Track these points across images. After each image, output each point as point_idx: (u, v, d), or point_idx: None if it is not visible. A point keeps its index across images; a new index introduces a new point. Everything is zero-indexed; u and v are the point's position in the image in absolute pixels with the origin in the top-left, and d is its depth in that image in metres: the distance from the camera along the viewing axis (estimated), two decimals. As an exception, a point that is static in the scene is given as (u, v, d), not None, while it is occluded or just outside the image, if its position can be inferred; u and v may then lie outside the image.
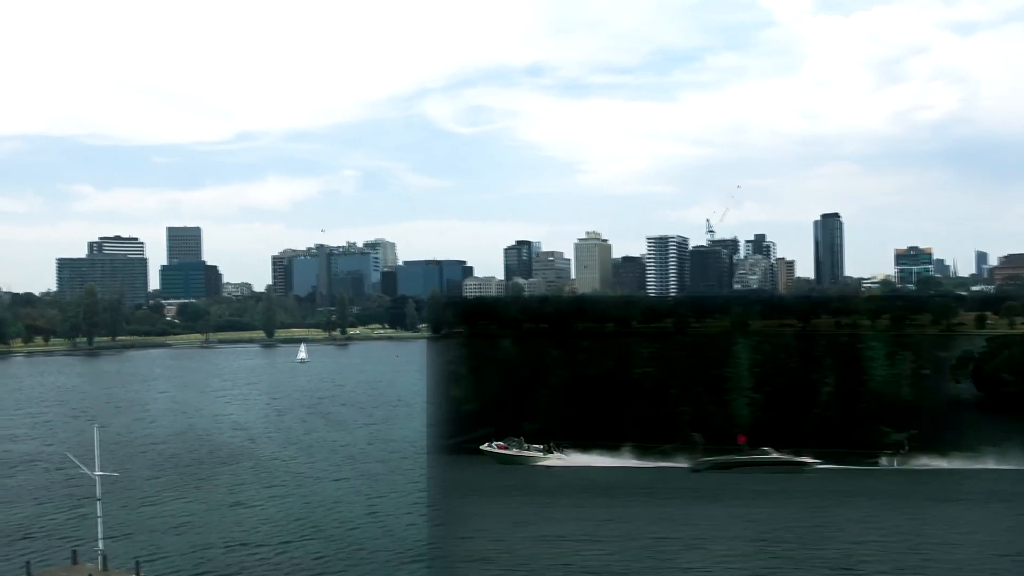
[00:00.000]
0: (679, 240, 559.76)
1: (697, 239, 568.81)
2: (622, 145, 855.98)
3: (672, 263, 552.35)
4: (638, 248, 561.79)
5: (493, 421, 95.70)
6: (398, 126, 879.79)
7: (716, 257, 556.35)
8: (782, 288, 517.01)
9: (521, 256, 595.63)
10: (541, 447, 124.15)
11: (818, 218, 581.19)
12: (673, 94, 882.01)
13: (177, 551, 65.99)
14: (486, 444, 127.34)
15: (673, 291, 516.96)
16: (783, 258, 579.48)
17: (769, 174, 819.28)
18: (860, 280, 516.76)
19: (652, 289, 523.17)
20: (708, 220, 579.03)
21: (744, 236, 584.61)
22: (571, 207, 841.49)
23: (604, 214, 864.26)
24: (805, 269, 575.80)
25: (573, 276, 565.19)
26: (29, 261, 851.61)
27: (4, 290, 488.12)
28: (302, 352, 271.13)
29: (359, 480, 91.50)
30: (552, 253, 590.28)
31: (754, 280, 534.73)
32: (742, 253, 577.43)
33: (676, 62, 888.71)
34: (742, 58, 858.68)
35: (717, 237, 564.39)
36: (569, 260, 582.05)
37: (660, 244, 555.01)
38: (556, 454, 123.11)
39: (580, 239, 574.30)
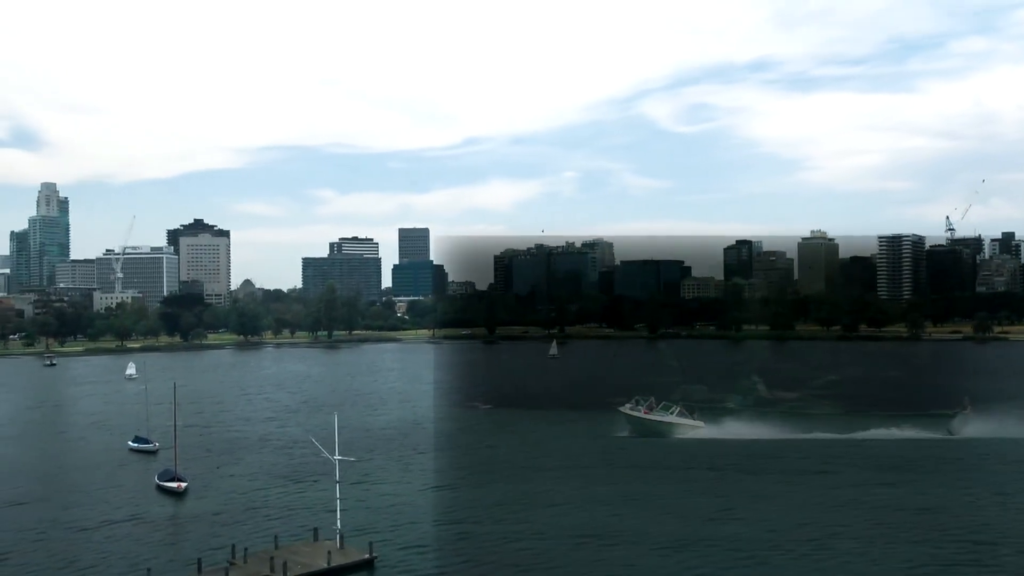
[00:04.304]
0: (914, 239, 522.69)
1: (935, 238, 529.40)
2: (852, 139, 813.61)
3: (906, 264, 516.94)
4: (868, 248, 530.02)
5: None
6: (618, 127, 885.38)
7: (956, 258, 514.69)
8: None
9: (741, 256, 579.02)
10: (680, 410, 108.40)
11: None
12: (911, 84, 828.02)
13: (398, 528, 71.52)
14: (626, 406, 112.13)
15: (907, 294, 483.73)
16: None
17: (1021, 167, 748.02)
18: None
19: (883, 292, 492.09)
20: (948, 218, 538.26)
21: (990, 235, 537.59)
22: (795, 206, 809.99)
23: (831, 212, 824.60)
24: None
25: (796, 277, 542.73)
26: (280, 260, 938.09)
27: (257, 287, 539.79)
28: (553, 348, 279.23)
29: (562, 471, 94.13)
30: (774, 253, 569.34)
31: (1001, 282, 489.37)
32: (987, 253, 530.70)
33: (914, 50, 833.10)
34: (991, 42, 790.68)
35: (958, 236, 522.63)
36: (792, 260, 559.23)
37: (893, 244, 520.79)
38: (694, 420, 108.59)
39: (804, 238, 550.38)
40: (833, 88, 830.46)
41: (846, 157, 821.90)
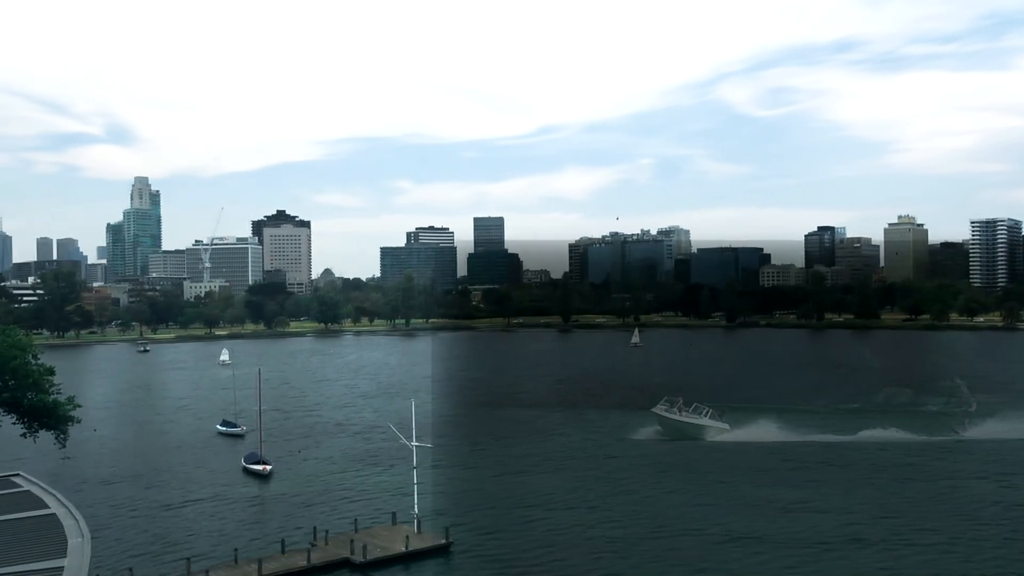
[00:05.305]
0: (1010, 224, 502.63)
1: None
2: (943, 120, 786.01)
3: (1001, 250, 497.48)
4: (960, 233, 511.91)
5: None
6: (695, 112, 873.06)
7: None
8: None
9: (823, 242, 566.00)
10: (711, 412, 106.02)
11: None
12: (1007, 61, 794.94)
13: (472, 513, 72.88)
14: (659, 407, 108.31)
15: (1002, 282, 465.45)
16: None
17: None
18: None
19: (976, 279, 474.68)
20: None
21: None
22: (881, 190, 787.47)
23: (919, 197, 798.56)
24: None
25: (882, 264, 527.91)
26: (358, 250, 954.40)
27: (337, 276, 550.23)
28: (635, 337, 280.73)
29: (632, 459, 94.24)
30: (858, 239, 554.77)
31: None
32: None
33: (1010, 25, 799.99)
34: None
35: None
36: (877, 247, 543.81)
37: (987, 229, 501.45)
38: (721, 423, 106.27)
39: (891, 224, 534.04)
40: (923, 67, 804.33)
41: (937, 139, 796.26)
